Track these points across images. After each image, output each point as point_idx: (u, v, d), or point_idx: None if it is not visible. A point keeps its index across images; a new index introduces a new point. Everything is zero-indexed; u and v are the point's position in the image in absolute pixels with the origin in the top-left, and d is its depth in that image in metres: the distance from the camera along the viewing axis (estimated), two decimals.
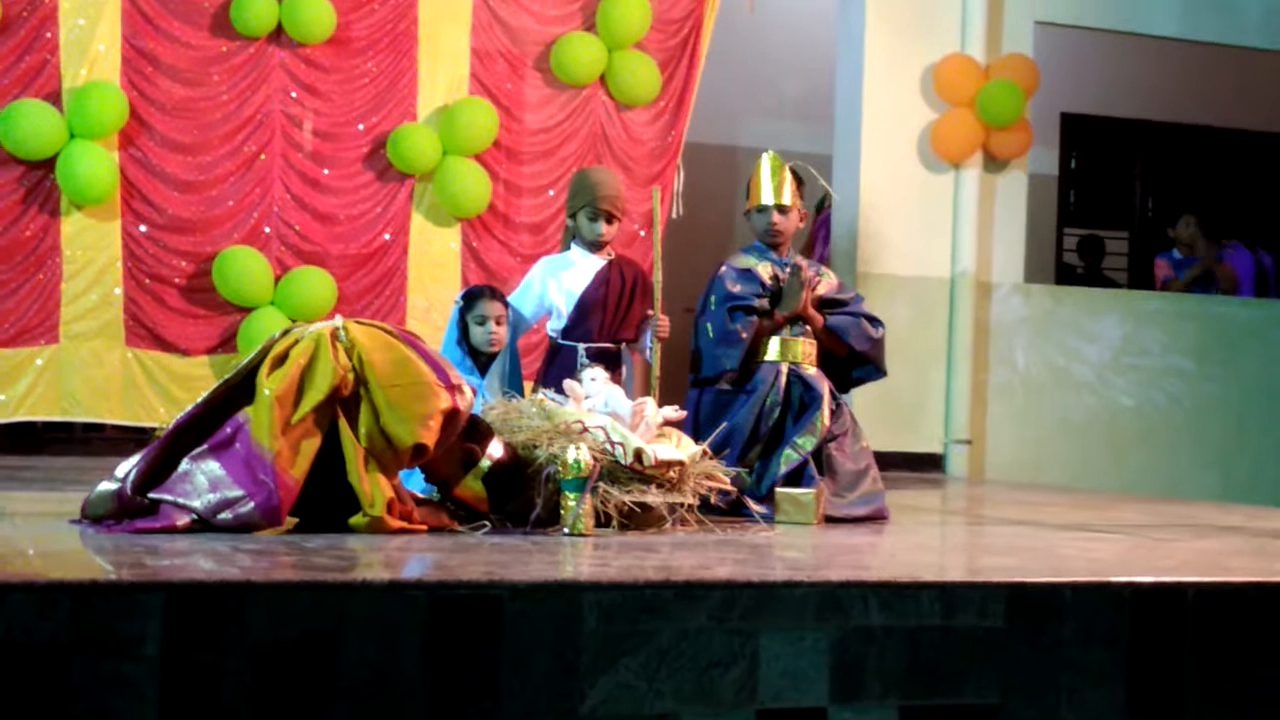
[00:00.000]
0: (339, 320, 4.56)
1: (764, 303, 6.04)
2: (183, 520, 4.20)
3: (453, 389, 4.53)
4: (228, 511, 4.23)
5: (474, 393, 4.78)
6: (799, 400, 5.93)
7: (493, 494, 4.74)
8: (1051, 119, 12.13)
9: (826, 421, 5.88)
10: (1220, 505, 7.87)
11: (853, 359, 6.22)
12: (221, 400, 4.43)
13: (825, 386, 5.98)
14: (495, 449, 4.74)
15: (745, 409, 5.88)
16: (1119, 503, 7.63)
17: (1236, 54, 11.27)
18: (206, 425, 4.39)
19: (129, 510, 4.27)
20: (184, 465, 4.31)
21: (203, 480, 4.28)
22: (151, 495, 4.28)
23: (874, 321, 6.24)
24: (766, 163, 6.19)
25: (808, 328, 6.10)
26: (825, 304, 6.19)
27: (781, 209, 6.14)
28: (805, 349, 6.07)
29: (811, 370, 6.04)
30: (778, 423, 5.89)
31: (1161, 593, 3.92)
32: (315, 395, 4.36)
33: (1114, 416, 10.40)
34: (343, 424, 4.41)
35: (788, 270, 6.08)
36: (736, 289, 6.04)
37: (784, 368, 6.00)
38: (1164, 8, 10.64)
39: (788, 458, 5.76)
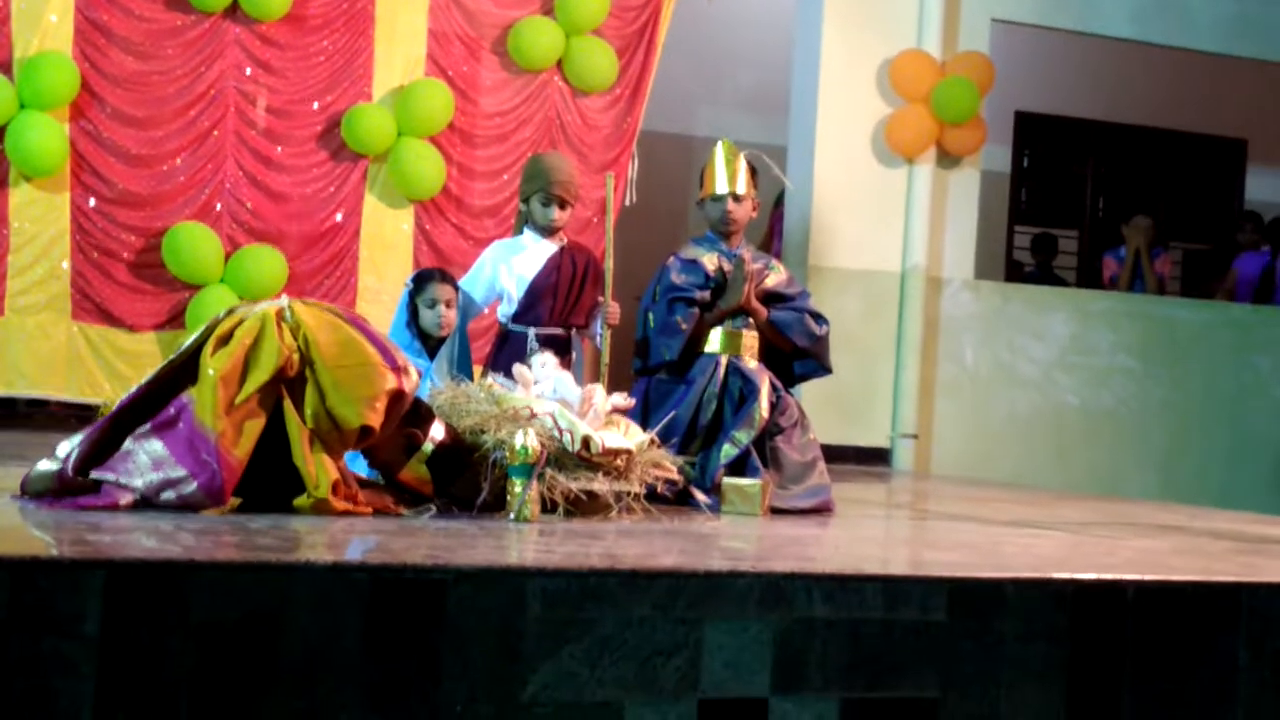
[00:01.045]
0: (284, 300, 4.54)
1: (705, 294, 6.05)
2: (125, 499, 4.17)
3: (398, 370, 4.52)
4: (170, 491, 4.20)
5: (419, 374, 4.76)
6: (738, 392, 5.93)
7: (436, 476, 4.73)
8: (1006, 117, 12.18)
9: (764, 414, 5.87)
10: (1162, 504, 7.94)
11: (796, 354, 6.23)
12: (166, 380, 4.40)
13: (765, 379, 5.97)
14: (437, 431, 4.73)
15: (684, 400, 5.88)
16: (1062, 500, 7.68)
17: (1189, 57, 11.35)
18: (150, 405, 4.35)
19: (70, 489, 4.23)
20: (126, 445, 4.28)
21: (145, 459, 4.24)
22: (93, 474, 4.24)
23: (818, 318, 6.24)
24: (720, 151, 6.19)
25: (751, 321, 6.10)
26: (772, 298, 6.19)
27: (736, 197, 6.14)
28: (747, 342, 6.07)
29: (752, 363, 6.04)
30: (716, 415, 5.89)
31: (1102, 590, 3.95)
32: (260, 375, 4.33)
33: (1059, 414, 10.47)
34: (287, 405, 4.39)
35: (733, 262, 6.08)
36: (679, 280, 6.04)
37: (723, 360, 5.99)
38: (1118, 9, 10.70)
39: (726, 452, 5.75)
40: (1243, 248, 11.80)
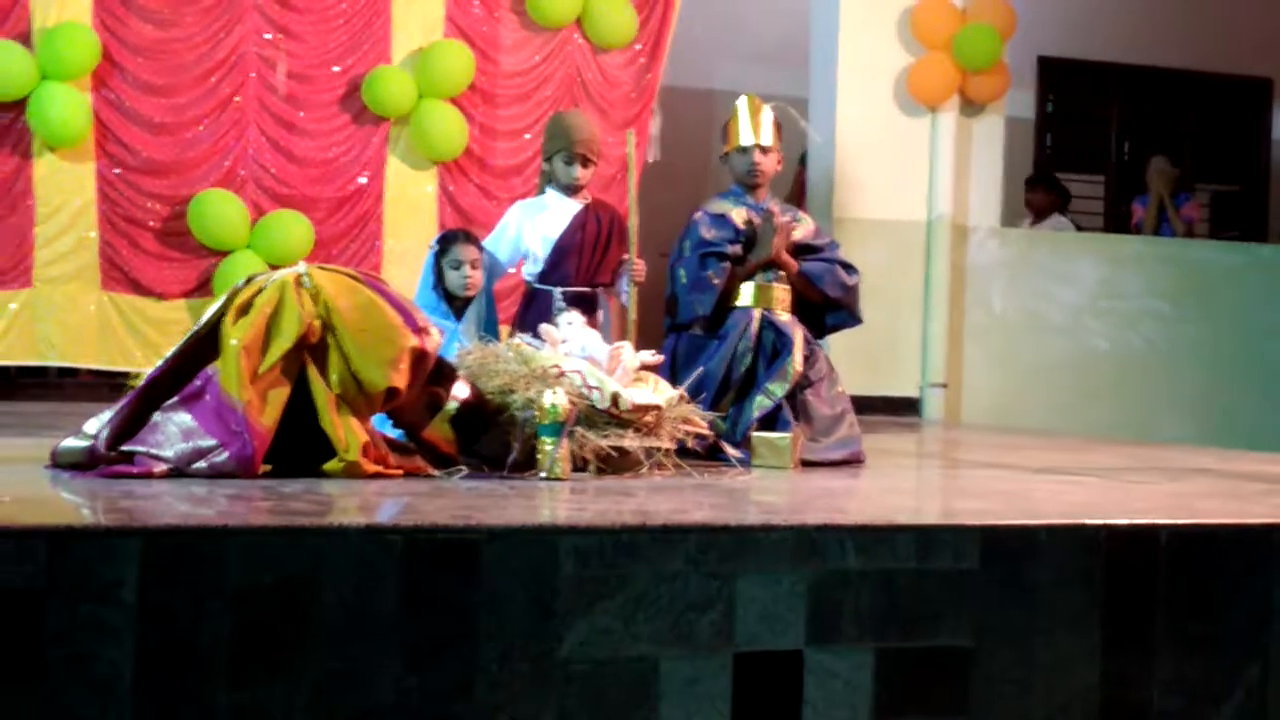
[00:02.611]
0: (302, 266, 4.54)
1: (737, 249, 6.03)
2: (159, 468, 4.19)
3: (419, 331, 4.52)
4: (202, 461, 4.22)
5: (441, 334, 4.77)
6: (771, 346, 5.93)
7: (461, 435, 4.74)
8: (1028, 62, 12.10)
9: (799, 367, 5.87)
10: (1193, 448, 7.91)
11: (827, 305, 6.22)
12: (190, 354, 4.41)
13: (798, 332, 5.97)
14: (460, 390, 4.73)
15: (717, 355, 5.87)
16: (1093, 445, 7.67)
17: None
18: (177, 380, 4.37)
19: (102, 463, 4.25)
20: (155, 418, 4.30)
21: (174, 430, 4.26)
22: (124, 448, 4.26)
23: (849, 268, 6.22)
24: (744, 104, 6.17)
25: (782, 273, 6.09)
26: (801, 250, 6.17)
27: (762, 149, 6.12)
28: (779, 295, 6.06)
29: (785, 316, 6.03)
30: (750, 369, 5.89)
31: (1135, 535, 3.94)
32: (283, 343, 4.34)
33: (1089, 360, 10.43)
34: (312, 371, 4.39)
35: (762, 216, 6.07)
36: (710, 235, 6.03)
37: (756, 313, 5.98)
38: None
39: (760, 404, 5.76)
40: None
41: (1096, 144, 13.05)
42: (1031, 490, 4.96)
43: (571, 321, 5.40)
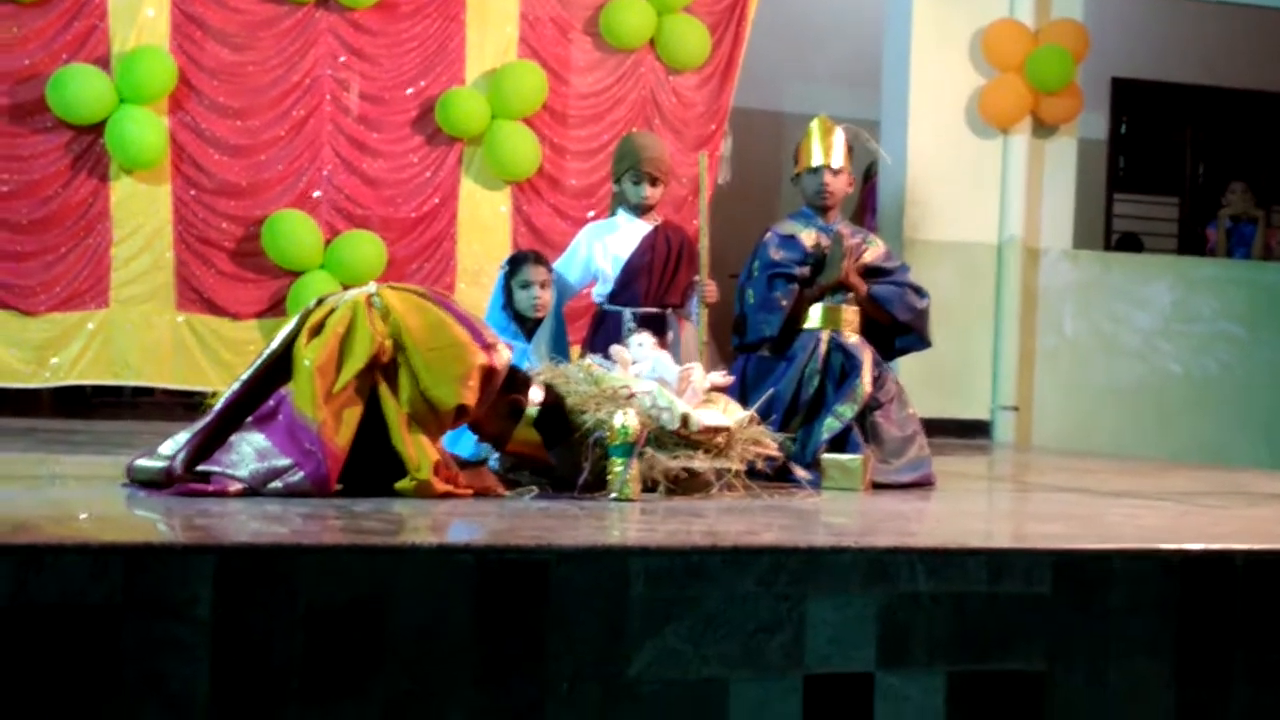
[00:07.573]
0: (372, 286, 4.58)
1: (805, 270, 6.02)
2: (234, 487, 4.22)
3: (488, 347, 4.54)
4: (277, 481, 4.25)
5: (510, 349, 4.79)
6: (840, 368, 5.91)
7: (546, 436, 4.75)
8: (1102, 83, 12.04)
9: (868, 389, 5.85)
10: (1269, 473, 7.83)
11: (896, 328, 6.20)
12: (265, 376, 4.45)
13: (867, 354, 5.95)
14: (535, 394, 4.75)
15: (786, 377, 5.86)
16: (1167, 470, 7.60)
17: None
18: (251, 402, 4.41)
19: (177, 483, 4.29)
20: (230, 439, 4.34)
21: (249, 450, 4.30)
22: (199, 468, 4.30)
23: (919, 292, 6.20)
24: (816, 126, 6.17)
25: (851, 295, 6.08)
26: (871, 272, 6.16)
27: (832, 170, 6.11)
28: (848, 316, 6.04)
29: (853, 338, 6.01)
30: (818, 390, 5.87)
31: (1210, 560, 3.90)
32: (355, 363, 4.37)
33: (1162, 383, 10.35)
34: (384, 390, 4.42)
35: (831, 238, 6.06)
36: (778, 256, 6.02)
37: (825, 335, 5.97)
38: None
39: (829, 425, 5.74)
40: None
41: (1170, 166, 12.96)
42: (1105, 514, 4.92)
43: (642, 342, 5.41)
